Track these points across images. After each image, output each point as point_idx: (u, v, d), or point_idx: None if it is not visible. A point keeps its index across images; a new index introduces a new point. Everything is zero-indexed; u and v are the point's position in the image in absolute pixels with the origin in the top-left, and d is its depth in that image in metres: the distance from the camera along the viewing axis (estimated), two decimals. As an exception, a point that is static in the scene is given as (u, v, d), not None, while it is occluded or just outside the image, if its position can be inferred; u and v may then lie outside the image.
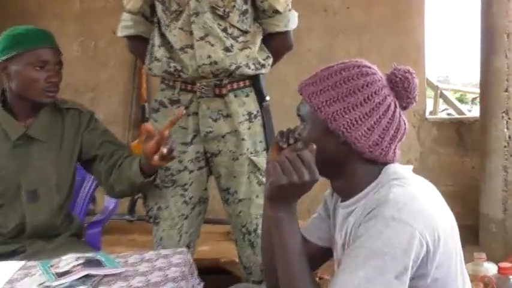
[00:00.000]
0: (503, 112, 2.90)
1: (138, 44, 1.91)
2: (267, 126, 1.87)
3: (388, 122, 1.13)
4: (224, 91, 1.80)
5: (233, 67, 1.77)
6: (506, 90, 2.88)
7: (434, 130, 3.60)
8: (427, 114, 3.77)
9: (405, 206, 1.03)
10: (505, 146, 2.91)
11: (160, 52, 1.81)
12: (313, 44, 3.49)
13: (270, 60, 1.87)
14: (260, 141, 1.86)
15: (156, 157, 1.59)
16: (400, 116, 1.15)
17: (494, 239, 2.88)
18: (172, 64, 1.79)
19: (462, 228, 1.20)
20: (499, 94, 2.90)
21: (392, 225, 1.00)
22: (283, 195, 1.08)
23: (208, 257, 2.63)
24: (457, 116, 5.01)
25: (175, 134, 1.82)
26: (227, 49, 1.77)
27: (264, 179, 1.82)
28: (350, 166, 1.15)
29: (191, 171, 1.85)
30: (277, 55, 1.90)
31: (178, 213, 1.86)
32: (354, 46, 3.46)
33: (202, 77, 1.77)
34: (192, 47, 1.76)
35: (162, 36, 1.83)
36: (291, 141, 1.18)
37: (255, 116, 1.85)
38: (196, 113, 1.82)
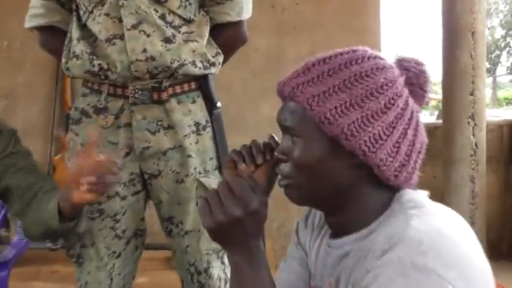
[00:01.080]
0: (469, 118, 2.71)
1: (52, 38, 1.54)
2: (218, 139, 1.52)
3: (413, 134, 0.85)
4: (164, 96, 1.43)
5: (175, 64, 1.41)
6: (471, 94, 2.69)
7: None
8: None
9: (431, 247, 0.75)
10: (471, 155, 2.72)
11: (79, 47, 1.42)
12: (260, 43, 3.20)
13: (221, 58, 1.53)
14: (211, 159, 1.50)
15: (82, 189, 1.18)
16: (421, 124, 0.88)
17: (462, 255, 2.65)
18: (96, 62, 1.40)
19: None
20: (464, 98, 2.71)
21: (413, 275, 0.73)
22: (224, 237, 0.85)
23: (147, 292, 2.25)
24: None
25: (103, 149, 1.43)
26: (168, 40, 1.40)
27: None
28: (356, 194, 0.86)
29: (124, 198, 1.48)
30: (228, 51, 1.57)
31: (108, 251, 1.49)
32: (304, 45, 3.21)
33: (135, 77, 1.40)
34: (121, 37, 1.38)
35: (83, 27, 1.45)
36: (259, 161, 0.91)
37: (204, 127, 1.49)
38: (129, 124, 1.45)
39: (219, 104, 1.53)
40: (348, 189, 0.85)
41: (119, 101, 1.43)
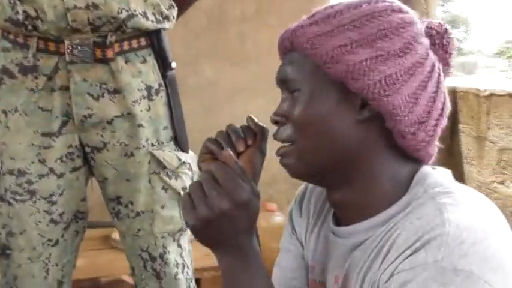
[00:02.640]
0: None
1: None
2: (173, 105, 1.31)
3: (435, 91, 0.72)
4: (109, 53, 1.20)
5: (123, 15, 1.17)
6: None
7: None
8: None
9: (474, 247, 0.61)
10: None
11: None
12: (202, 2, 2.92)
13: (175, 12, 1.33)
14: (165, 128, 1.30)
15: None
16: (444, 84, 0.75)
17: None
18: (20, 7, 1.13)
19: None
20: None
21: (455, 281, 0.59)
22: (211, 236, 0.71)
23: (85, 276, 2.01)
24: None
25: (33, 117, 1.19)
26: None
27: (172, 182, 1.29)
28: (368, 162, 0.73)
29: (60, 175, 1.26)
30: (183, 4, 1.37)
31: (43, 239, 1.27)
32: (250, 6, 2.97)
33: (73, 29, 1.15)
34: None
35: None
36: (240, 148, 0.77)
37: (157, 92, 1.28)
38: (65, 87, 1.21)
39: (174, 65, 1.31)
40: (358, 153, 0.72)
41: (52, 59, 1.18)
